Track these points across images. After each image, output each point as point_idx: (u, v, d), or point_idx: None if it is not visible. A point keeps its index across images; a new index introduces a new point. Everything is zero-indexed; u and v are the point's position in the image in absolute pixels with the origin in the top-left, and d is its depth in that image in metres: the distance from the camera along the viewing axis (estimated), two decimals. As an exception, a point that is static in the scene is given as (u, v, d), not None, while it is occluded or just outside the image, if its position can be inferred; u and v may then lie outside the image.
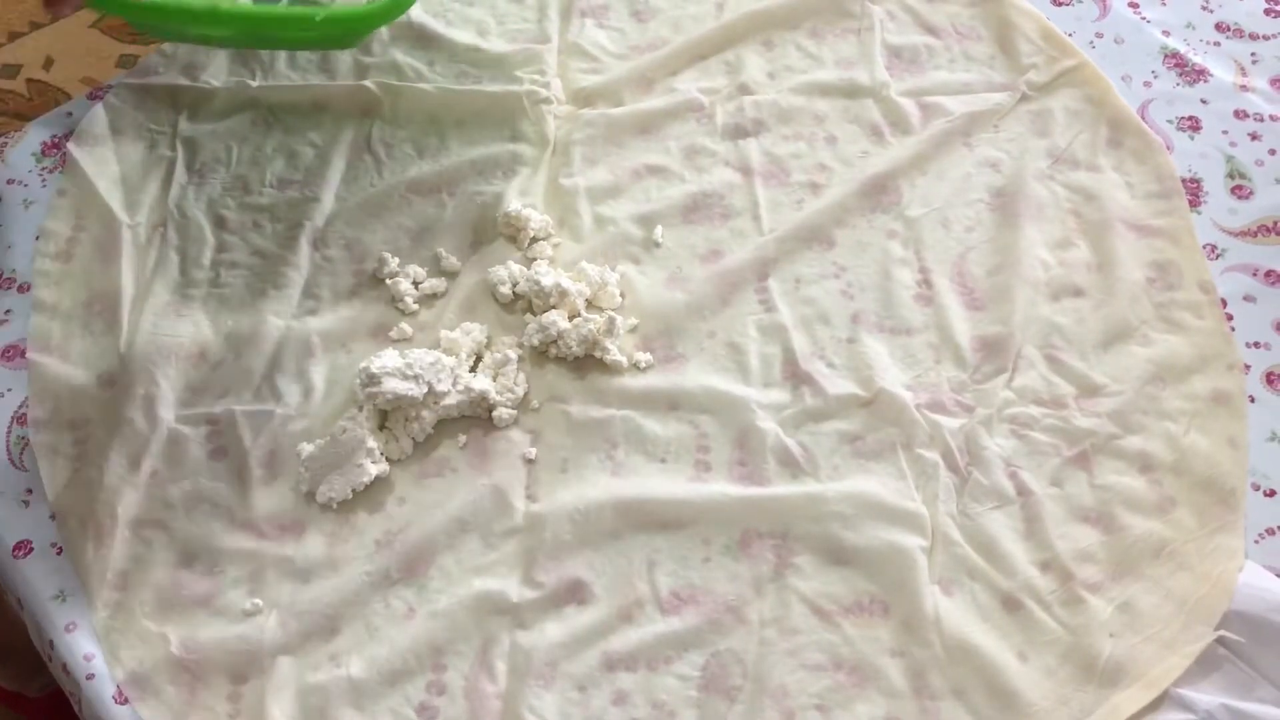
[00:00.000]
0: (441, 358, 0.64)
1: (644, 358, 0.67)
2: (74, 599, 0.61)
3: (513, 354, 0.66)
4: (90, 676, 0.59)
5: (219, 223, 0.73)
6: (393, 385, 0.62)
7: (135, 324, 0.68)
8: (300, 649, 0.59)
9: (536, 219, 0.71)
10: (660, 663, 0.58)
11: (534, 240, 0.71)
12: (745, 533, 0.61)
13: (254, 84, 0.79)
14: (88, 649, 0.59)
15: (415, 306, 0.69)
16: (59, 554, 0.62)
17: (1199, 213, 0.73)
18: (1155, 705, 0.55)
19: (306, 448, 0.63)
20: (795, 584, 0.60)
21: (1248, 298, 0.69)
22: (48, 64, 1.78)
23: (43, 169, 0.76)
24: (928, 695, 0.57)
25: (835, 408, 0.65)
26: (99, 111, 0.77)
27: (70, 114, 0.78)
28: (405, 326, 0.68)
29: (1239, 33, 0.81)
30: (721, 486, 0.62)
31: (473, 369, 0.66)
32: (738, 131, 0.76)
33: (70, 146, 0.76)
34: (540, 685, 0.57)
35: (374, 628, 0.59)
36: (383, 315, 0.69)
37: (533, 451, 0.64)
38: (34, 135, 0.78)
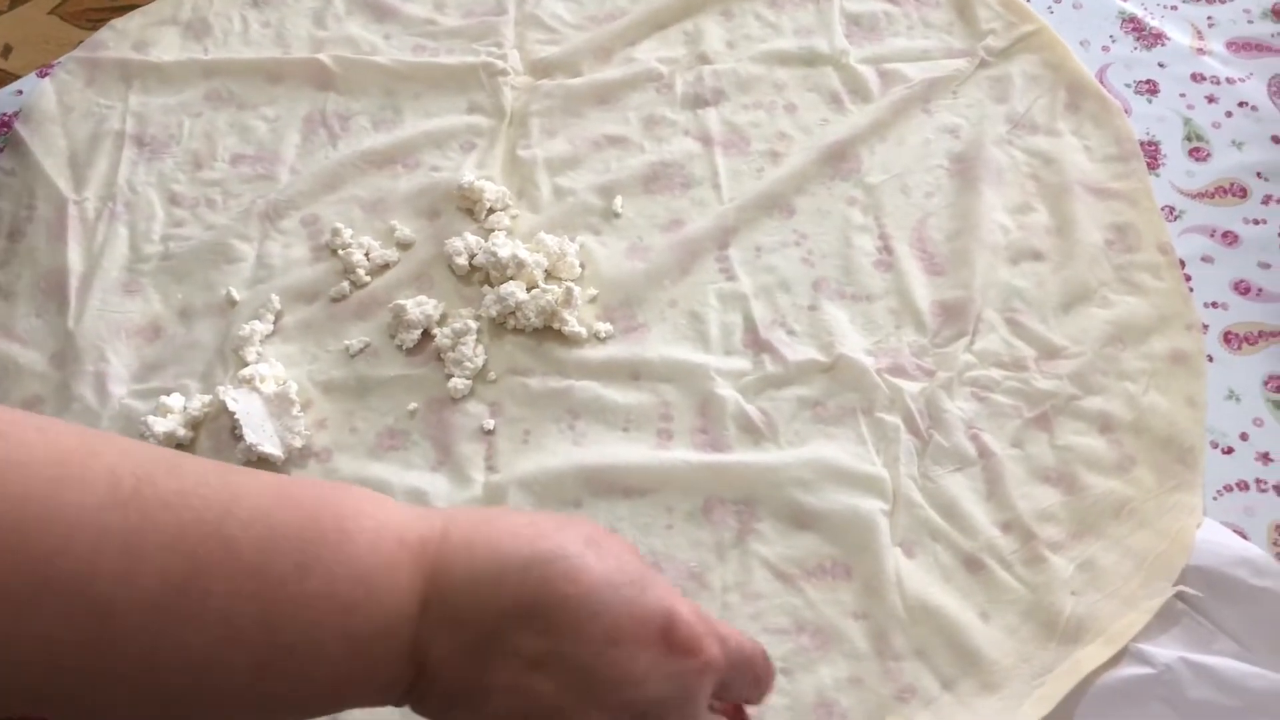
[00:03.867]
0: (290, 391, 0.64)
1: (604, 328, 0.67)
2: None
3: (472, 324, 0.66)
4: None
5: (170, 198, 0.72)
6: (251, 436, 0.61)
7: (84, 301, 0.67)
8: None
9: (492, 190, 0.70)
10: (623, 630, 0.58)
11: (491, 211, 0.71)
12: (708, 499, 0.61)
13: (206, 58, 0.78)
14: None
15: (368, 279, 0.68)
16: (14, 535, 0.61)
17: (1157, 175, 0.73)
18: (1116, 660, 0.56)
19: (233, 402, 0.62)
20: (757, 549, 0.60)
21: (1205, 258, 0.70)
22: (6, 51, 1.75)
23: (-8, 149, 0.75)
24: (890, 656, 0.57)
25: (796, 374, 0.65)
26: (46, 88, 0.76)
27: (20, 92, 0.77)
28: (344, 285, 0.68)
29: (1195, -4, 0.82)
30: (683, 454, 0.62)
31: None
32: (697, 101, 0.76)
33: (16, 125, 0.75)
34: (503, 656, 0.57)
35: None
36: (336, 286, 0.68)
37: (491, 423, 0.63)
38: (-17, 115, 0.77)
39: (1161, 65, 0.78)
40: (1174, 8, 0.81)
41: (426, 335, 0.66)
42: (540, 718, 0.38)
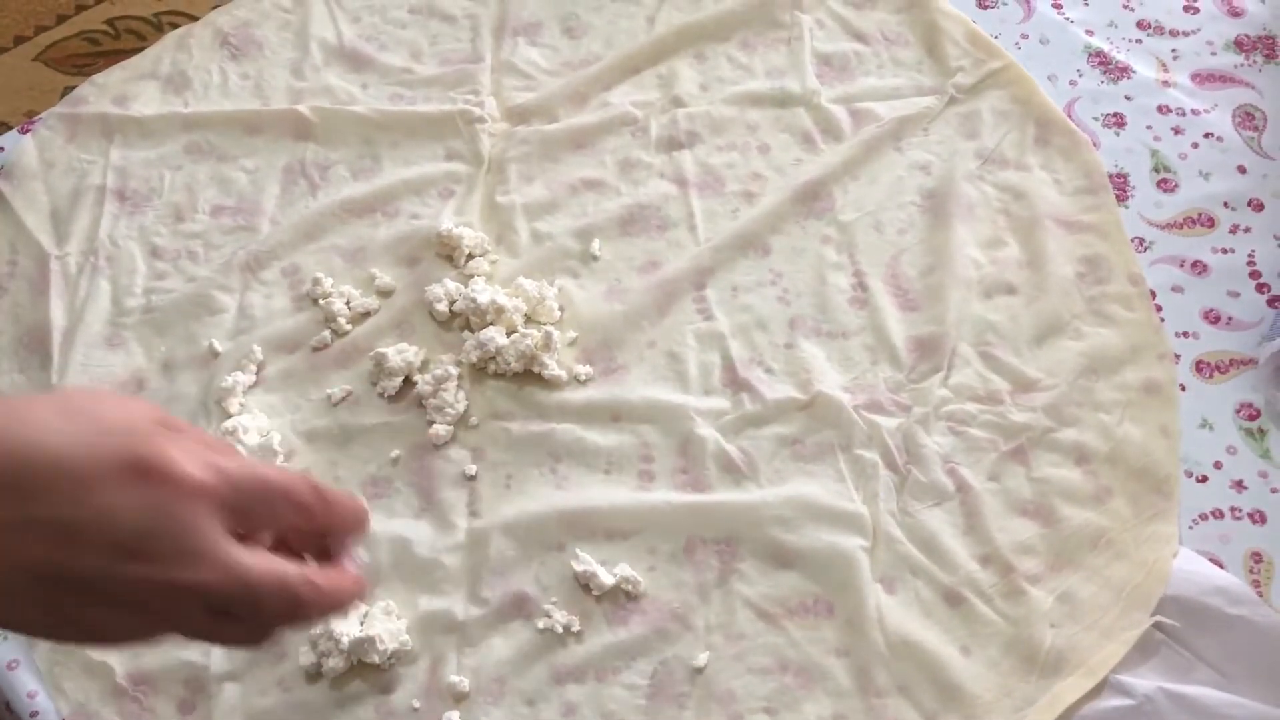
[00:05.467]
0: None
1: (584, 370, 0.67)
2: (15, 637, 0.60)
3: (453, 370, 0.66)
4: (34, 714, 0.58)
5: (152, 251, 0.73)
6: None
7: (67, 356, 0.68)
8: (247, 675, 0.58)
9: (470, 236, 0.71)
10: (608, 673, 0.58)
11: (470, 257, 0.71)
12: (689, 540, 0.62)
13: (186, 111, 0.78)
14: (30, 686, 0.59)
15: (349, 327, 0.69)
16: None
17: (1126, 207, 0.74)
18: (1095, 692, 0.56)
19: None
20: (740, 589, 0.60)
21: (1176, 288, 0.71)
22: (-10, 99, 1.76)
23: (-26, 205, 0.76)
24: (873, 693, 0.57)
25: (774, 412, 0.66)
26: (28, 144, 0.77)
27: (1, 149, 0.78)
28: (325, 334, 0.69)
29: (1160, 30, 0.83)
30: (664, 495, 0.63)
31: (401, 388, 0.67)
32: (672, 144, 0.77)
33: (-1, 181, 0.76)
34: (489, 702, 0.58)
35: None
36: (317, 335, 0.69)
37: (473, 468, 0.64)
38: (-36, 171, 0.77)
39: (1128, 98, 0.79)
40: (1139, 41, 0.82)
41: (408, 382, 0.67)
42: (45, 579, 0.39)
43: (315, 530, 0.46)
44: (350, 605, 0.46)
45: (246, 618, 0.43)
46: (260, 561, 0.42)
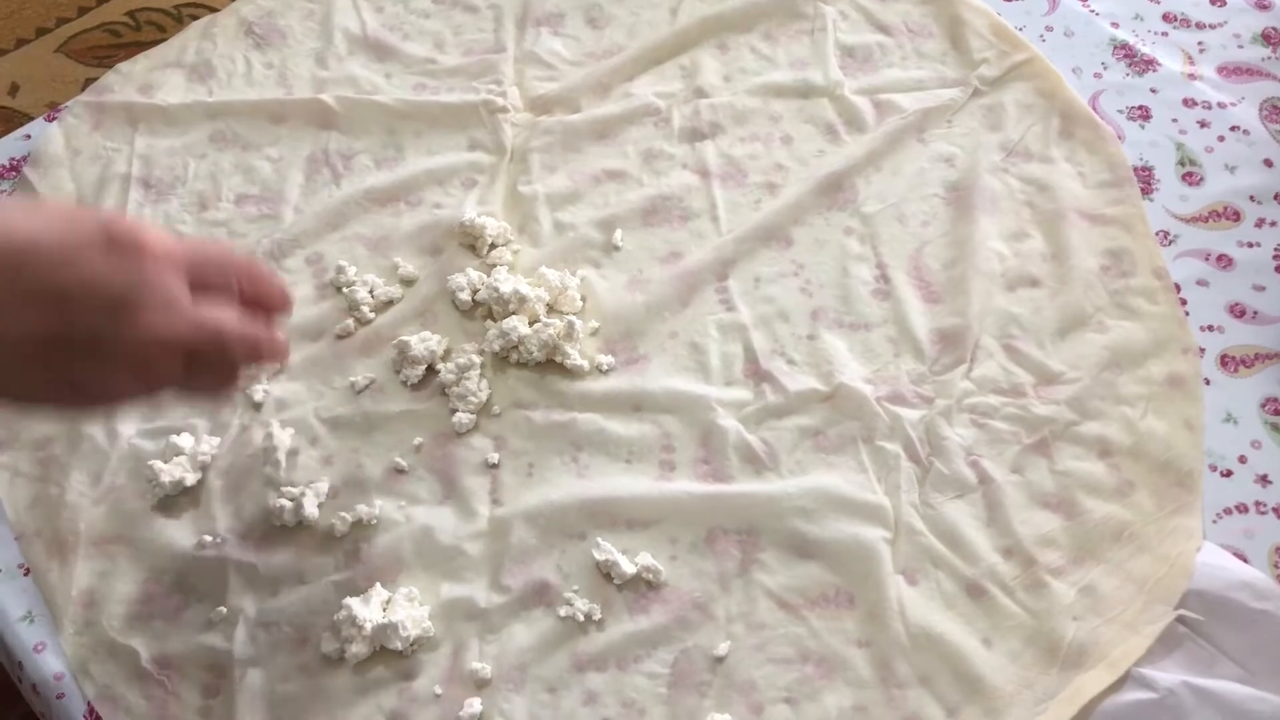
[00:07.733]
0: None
1: (606, 360, 0.67)
2: (42, 619, 0.61)
3: (475, 358, 0.66)
4: (60, 696, 0.59)
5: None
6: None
7: (94, 342, 0.68)
8: (270, 660, 0.59)
9: (493, 226, 0.72)
10: (629, 662, 0.58)
11: (493, 247, 0.72)
12: (711, 530, 0.62)
13: (210, 100, 0.79)
14: (57, 669, 0.59)
15: (372, 315, 0.69)
16: (26, 575, 0.62)
17: (1151, 200, 0.74)
18: (1118, 685, 0.56)
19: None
20: (761, 579, 0.60)
21: (1200, 282, 0.70)
22: (13, 90, 1.77)
23: (2, 193, 0.76)
24: (894, 684, 0.57)
25: (796, 404, 0.66)
26: (54, 132, 0.77)
27: (29, 136, 0.78)
28: (349, 323, 0.69)
29: (1186, 22, 0.83)
30: (686, 485, 0.63)
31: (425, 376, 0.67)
32: (694, 134, 0.77)
33: (25, 169, 0.76)
34: (511, 689, 0.58)
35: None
36: (340, 323, 0.69)
37: (496, 457, 0.64)
38: (-8, 159, 0.78)
39: (1153, 91, 0.79)
40: (1165, 34, 0.82)
41: (431, 371, 0.67)
42: (46, 345, 0.44)
43: (249, 298, 0.52)
44: (283, 354, 0.55)
45: (216, 362, 0.50)
46: (221, 312, 0.49)
